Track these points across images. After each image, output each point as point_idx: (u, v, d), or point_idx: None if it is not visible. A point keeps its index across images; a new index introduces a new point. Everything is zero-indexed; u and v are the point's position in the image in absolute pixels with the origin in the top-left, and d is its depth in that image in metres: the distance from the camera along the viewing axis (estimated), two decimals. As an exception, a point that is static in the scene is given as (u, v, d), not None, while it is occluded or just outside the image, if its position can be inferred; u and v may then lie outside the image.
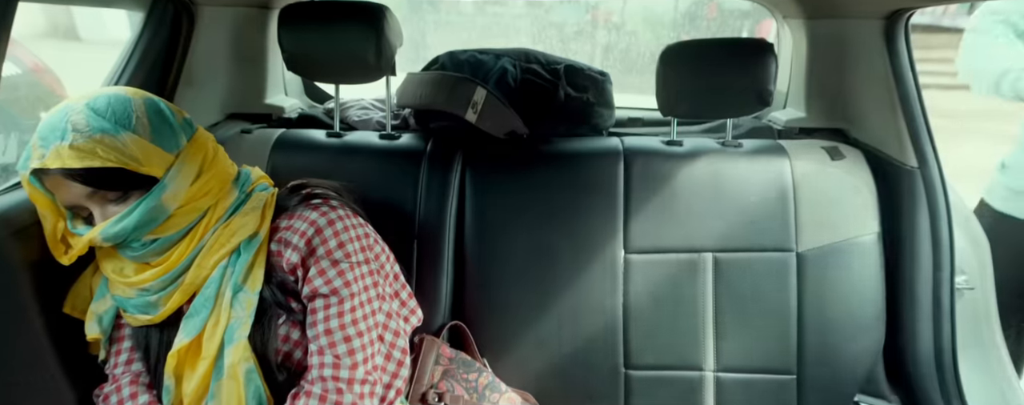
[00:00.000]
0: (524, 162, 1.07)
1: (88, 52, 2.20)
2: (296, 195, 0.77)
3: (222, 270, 0.70)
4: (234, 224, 0.71)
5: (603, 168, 1.04)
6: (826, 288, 1.00)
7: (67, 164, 0.62)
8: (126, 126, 0.64)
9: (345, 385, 0.69)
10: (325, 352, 0.70)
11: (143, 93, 0.69)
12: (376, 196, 0.96)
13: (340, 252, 0.71)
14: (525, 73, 1.17)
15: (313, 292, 0.71)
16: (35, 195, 0.67)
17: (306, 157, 1.06)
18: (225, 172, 0.73)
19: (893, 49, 0.99)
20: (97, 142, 0.62)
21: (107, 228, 0.65)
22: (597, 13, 3.82)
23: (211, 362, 0.69)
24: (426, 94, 1.12)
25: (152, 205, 0.65)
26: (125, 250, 0.68)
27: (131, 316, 0.72)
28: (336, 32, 1.02)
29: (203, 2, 1.05)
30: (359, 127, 1.25)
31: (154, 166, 0.65)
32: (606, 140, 1.12)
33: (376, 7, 1.02)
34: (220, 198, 0.71)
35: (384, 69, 1.05)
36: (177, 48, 1.06)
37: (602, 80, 1.19)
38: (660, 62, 1.04)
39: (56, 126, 0.63)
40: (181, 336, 0.70)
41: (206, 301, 0.70)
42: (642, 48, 3.44)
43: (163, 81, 1.06)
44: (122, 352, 0.76)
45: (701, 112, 1.11)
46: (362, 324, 0.72)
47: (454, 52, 1.20)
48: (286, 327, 0.72)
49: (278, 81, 1.29)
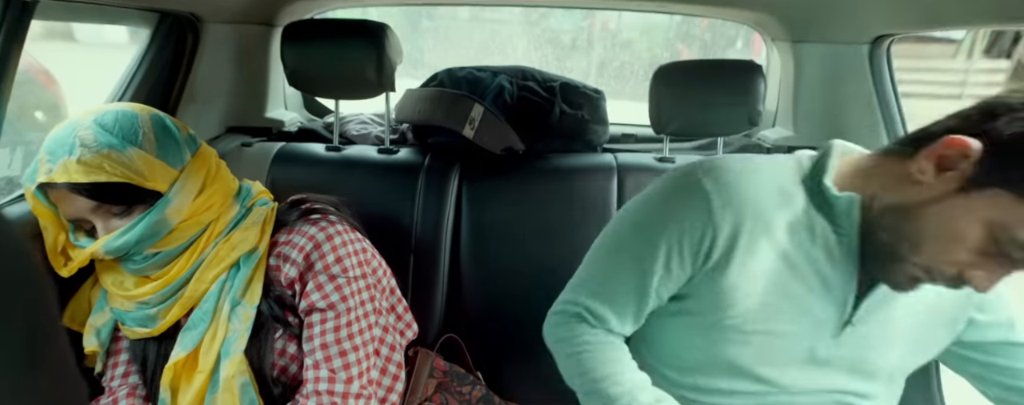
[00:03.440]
0: (520, 177, 1.09)
1: (85, 55, 2.22)
2: (295, 210, 0.78)
3: (221, 284, 0.70)
4: (234, 238, 0.71)
5: (597, 183, 1.06)
6: None
7: (74, 178, 0.63)
8: (132, 141, 0.65)
9: (340, 399, 0.70)
10: (321, 366, 0.71)
11: (149, 109, 0.71)
12: (374, 210, 0.98)
13: (338, 267, 0.72)
14: (521, 90, 1.19)
15: (310, 306, 0.72)
16: (38, 208, 0.68)
17: (305, 170, 1.08)
18: (227, 187, 0.74)
19: (877, 72, 1.03)
20: (104, 157, 0.63)
21: (110, 241, 0.66)
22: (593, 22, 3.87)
23: (207, 375, 0.69)
24: (425, 110, 1.14)
25: (155, 219, 0.66)
26: (126, 263, 0.69)
27: (129, 329, 0.73)
28: (338, 49, 1.05)
29: (209, 19, 1.07)
30: (358, 141, 1.27)
31: (159, 181, 0.66)
32: (600, 156, 1.14)
33: (377, 26, 1.05)
34: (221, 213, 0.72)
35: (384, 85, 1.08)
36: (181, 64, 1.08)
37: (597, 98, 1.22)
38: (653, 81, 1.07)
39: (64, 141, 0.64)
40: (178, 349, 0.70)
41: (204, 315, 0.70)
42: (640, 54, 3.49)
43: (167, 95, 1.08)
44: (119, 365, 0.76)
45: (693, 130, 1.14)
46: (358, 339, 0.73)
47: (452, 69, 1.23)
48: (283, 341, 0.73)
49: (278, 95, 1.31)
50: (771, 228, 0.60)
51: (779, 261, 0.61)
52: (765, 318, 0.62)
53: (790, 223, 0.61)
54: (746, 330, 0.63)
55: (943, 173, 0.52)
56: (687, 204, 0.61)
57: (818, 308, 0.62)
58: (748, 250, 0.60)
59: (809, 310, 0.62)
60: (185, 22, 1.06)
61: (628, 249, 0.66)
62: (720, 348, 0.64)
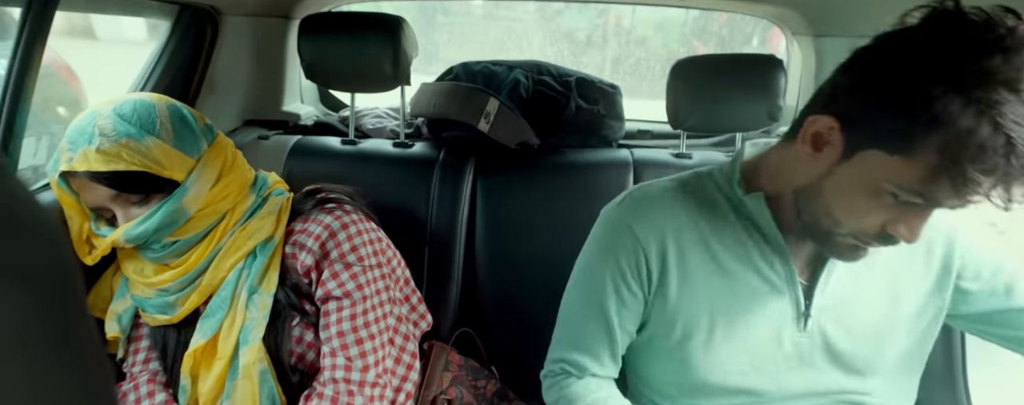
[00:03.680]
0: (535, 172, 1.08)
1: (105, 51, 2.25)
2: (311, 199, 0.79)
3: (238, 272, 0.71)
4: (251, 227, 0.72)
5: (612, 179, 1.05)
6: None
7: (93, 167, 0.64)
8: (150, 131, 0.66)
9: (356, 387, 0.70)
10: (337, 354, 0.71)
11: (167, 99, 0.71)
12: (389, 203, 0.98)
13: (353, 256, 0.73)
14: (537, 85, 1.19)
15: (326, 295, 0.72)
16: (62, 196, 0.69)
17: (321, 163, 1.08)
18: (243, 176, 0.75)
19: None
20: (123, 146, 0.64)
21: (129, 230, 0.67)
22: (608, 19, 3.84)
23: (227, 362, 0.70)
24: (440, 104, 1.14)
25: (173, 208, 0.67)
26: (146, 251, 0.70)
27: (149, 316, 0.74)
28: (354, 43, 1.05)
29: (227, 12, 1.08)
30: (373, 135, 1.27)
31: (176, 170, 0.67)
32: (616, 151, 1.13)
33: (393, 19, 1.05)
34: (238, 202, 0.73)
35: (400, 79, 1.08)
36: (201, 56, 1.09)
37: (612, 93, 1.21)
38: (671, 76, 1.06)
39: (84, 130, 0.65)
40: (197, 336, 0.71)
41: (222, 302, 0.71)
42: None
43: (186, 87, 1.09)
44: (140, 351, 0.78)
45: (711, 126, 1.12)
46: (374, 327, 0.73)
47: (468, 63, 1.23)
48: (300, 329, 0.74)
49: (295, 89, 1.32)
50: (699, 243, 0.64)
51: (716, 272, 0.64)
52: (721, 327, 0.64)
53: (719, 233, 0.64)
54: (708, 344, 0.65)
55: (822, 149, 0.55)
56: (615, 237, 0.67)
57: (771, 307, 0.64)
58: (681, 268, 0.64)
59: (762, 311, 0.64)
60: (204, 14, 1.07)
61: (583, 293, 0.71)
62: (690, 367, 0.66)
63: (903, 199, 0.51)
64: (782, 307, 0.64)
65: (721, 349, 0.65)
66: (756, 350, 0.65)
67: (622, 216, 0.68)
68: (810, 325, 0.64)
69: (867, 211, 0.54)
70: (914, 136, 0.48)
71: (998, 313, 0.66)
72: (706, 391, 0.67)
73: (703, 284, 0.64)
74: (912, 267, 0.66)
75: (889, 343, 0.66)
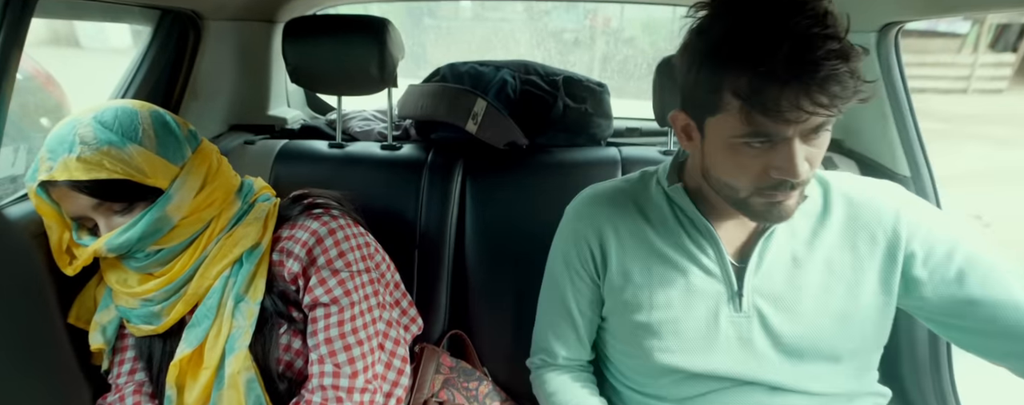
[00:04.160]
0: (524, 172, 1.08)
1: (89, 59, 2.23)
2: (298, 205, 0.78)
3: (224, 280, 0.71)
4: (237, 234, 0.71)
5: (601, 177, 1.04)
6: None
7: (74, 176, 0.63)
8: (132, 138, 0.65)
9: (345, 394, 0.70)
10: (325, 361, 0.71)
11: (149, 106, 0.70)
12: (378, 206, 0.97)
13: (341, 261, 0.72)
14: (524, 84, 1.18)
15: (314, 301, 0.72)
16: (42, 206, 0.68)
17: (308, 168, 1.08)
18: (229, 183, 0.74)
19: (885, 60, 1.01)
20: (104, 154, 0.63)
21: (112, 239, 0.66)
22: (595, 19, 3.86)
23: (213, 372, 0.70)
24: (427, 105, 1.13)
25: (157, 216, 0.66)
26: (129, 261, 0.69)
27: (134, 326, 0.73)
28: (340, 46, 1.04)
29: (210, 16, 1.07)
30: (361, 138, 1.26)
31: (159, 177, 0.66)
32: (604, 150, 1.13)
33: (379, 21, 1.04)
34: (223, 209, 0.72)
35: (387, 81, 1.07)
36: (183, 61, 1.08)
37: (600, 91, 1.21)
38: (656, 73, 1.06)
39: (64, 139, 0.64)
40: (183, 346, 0.71)
41: (208, 311, 0.70)
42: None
43: (169, 93, 1.08)
44: (125, 362, 0.77)
45: None
46: (362, 333, 0.72)
47: (454, 64, 1.22)
48: (287, 337, 0.73)
49: (281, 93, 1.31)
50: (638, 233, 0.72)
51: (653, 258, 0.71)
52: (661, 307, 0.70)
53: (656, 224, 0.73)
54: (652, 324, 0.70)
55: (692, 137, 0.65)
56: (564, 231, 0.78)
57: (704, 287, 0.70)
58: (620, 255, 0.72)
59: (696, 291, 0.70)
60: (186, 19, 1.06)
61: (548, 287, 0.82)
62: (644, 349, 0.71)
63: (754, 144, 0.58)
64: (716, 288, 0.70)
65: (668, 328, 0.70)
66: (697, 329, 0.70)
67: (570, 212, 0.79)
68: (745, 305, 0.69)
69: (743, 166, 0.60)
70: (716, 95, 0.57)
71: (951, 303, 0.64)
72: (660, 372, 0.72)
73: (642, 270, 0.72)
74: (855, 255, 0.68)
75: (837, 331, 0.67)
